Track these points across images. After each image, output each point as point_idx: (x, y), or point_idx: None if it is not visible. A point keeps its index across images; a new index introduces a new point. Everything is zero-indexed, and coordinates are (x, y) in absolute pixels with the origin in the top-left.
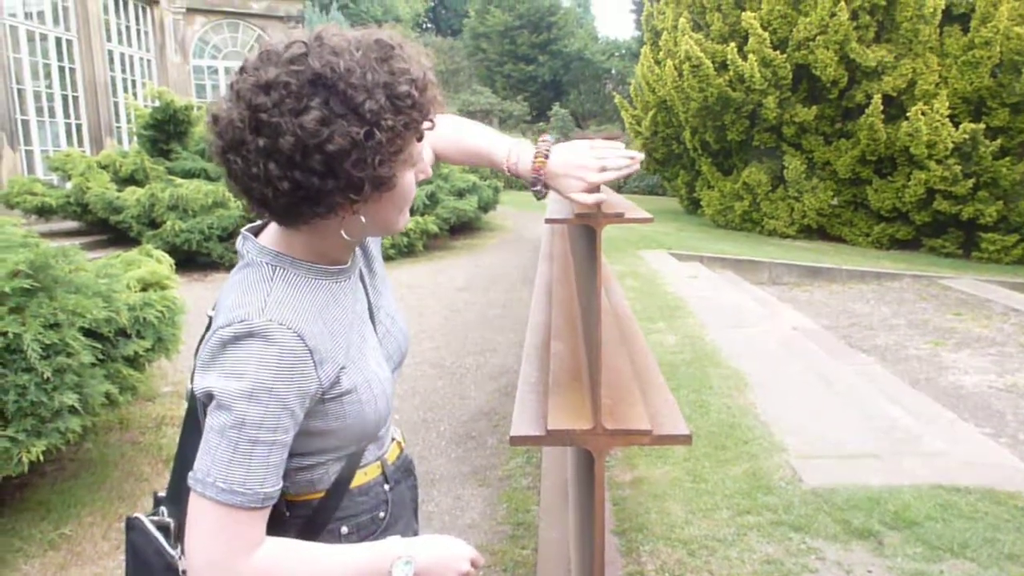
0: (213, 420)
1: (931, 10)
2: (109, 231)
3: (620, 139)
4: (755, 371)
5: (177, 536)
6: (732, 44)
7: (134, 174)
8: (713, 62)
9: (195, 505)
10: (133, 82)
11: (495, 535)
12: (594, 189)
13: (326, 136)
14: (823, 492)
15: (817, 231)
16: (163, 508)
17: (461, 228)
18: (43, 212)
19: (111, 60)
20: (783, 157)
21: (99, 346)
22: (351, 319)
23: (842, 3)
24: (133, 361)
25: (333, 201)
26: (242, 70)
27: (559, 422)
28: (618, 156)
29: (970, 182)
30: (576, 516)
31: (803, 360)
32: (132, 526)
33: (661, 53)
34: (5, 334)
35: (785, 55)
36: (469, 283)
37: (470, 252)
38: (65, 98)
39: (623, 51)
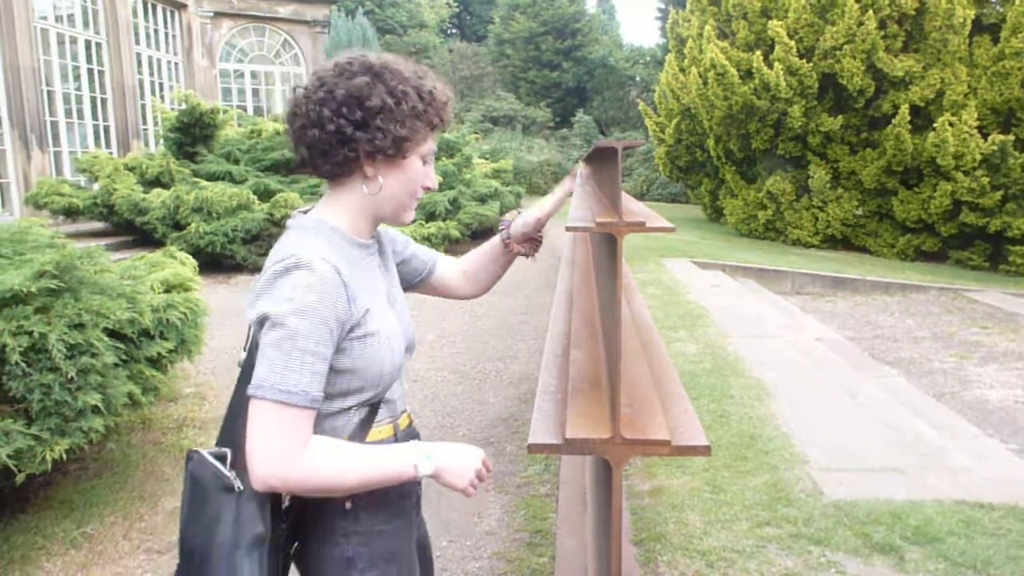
0: (268, 337)
1: (961, 20)
2: (135, 232)
3: (641, 146)
4: (777, 382)
5: (232, 464)
6: (758, 52)
7: (160, 176)
8: (738, 70)
9: (255, 410)
10: (160, 85)
11: (512, 542)
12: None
13: (367, 94)
14: (844, 505)
15: (841, 241)
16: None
17: (483, 234)
18: (71, 213)
19: (139, 63)
20: (808, 166)
21: (122, 347)
22: (374, 283)
23: (870, 12)
24: (156, 362)
25: (358, 150)
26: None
27: (578, 431)
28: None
29: (998, 194)
30: (594, 525)
31: (826, 371)
32: (191, 457)
33: (686, 61)
34: (31, 333)
35: (811, 64)
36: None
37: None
38: (94, 100)
39: (648, 58)
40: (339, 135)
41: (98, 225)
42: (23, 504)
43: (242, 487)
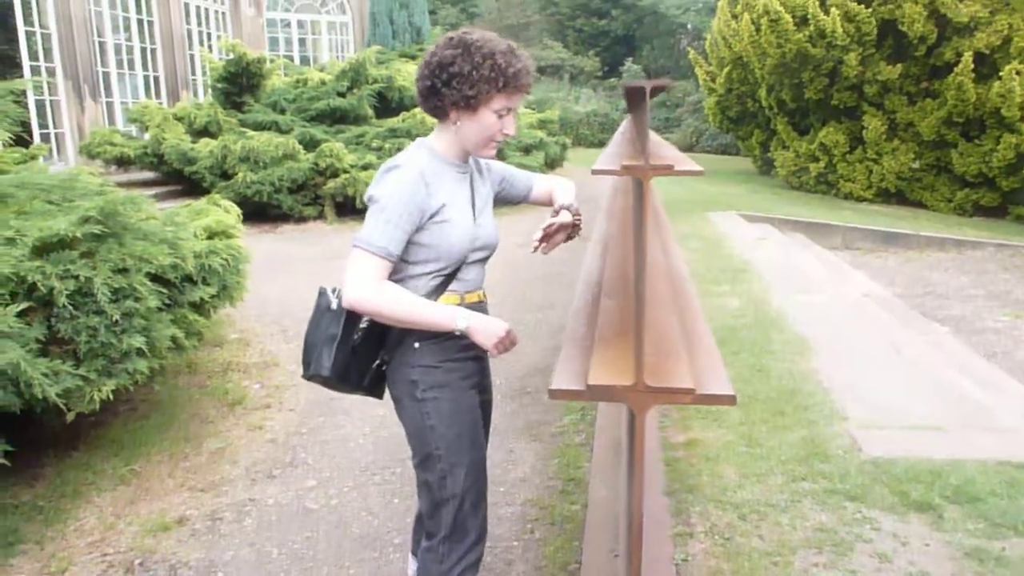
0: (370, 209)
1: None
2: (184, 181)
3: (671, 87)
4: (820, 337)
5: (338, 296)
6: None
7: (208, 126)
8: (793, 16)
9: (352, 255)
10: (208, 35)
11: (545, 490)
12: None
13: (452, 61)
14: (882, 463)
15: (896, 196)
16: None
17: None
18: (122, 162)
19: (187, 13)
20: (863, 117)
21: (165, 291)
22: (458, 191)
23: None
24: (199, 307)
25: (446, 102)
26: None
27: (600, 377)
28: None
29: None
30: (627, 477)
31: (872, 328)
32: (320, 291)
33: (739, 7)
34: (77, 277)
35: (870, 9)
36: (530, 239)
37: (533, 208)
38: (143, 51)
39: (699, 5)
40: (432, 88)
41: (149, 174)
42: (75, 442)
43: (335, 307)
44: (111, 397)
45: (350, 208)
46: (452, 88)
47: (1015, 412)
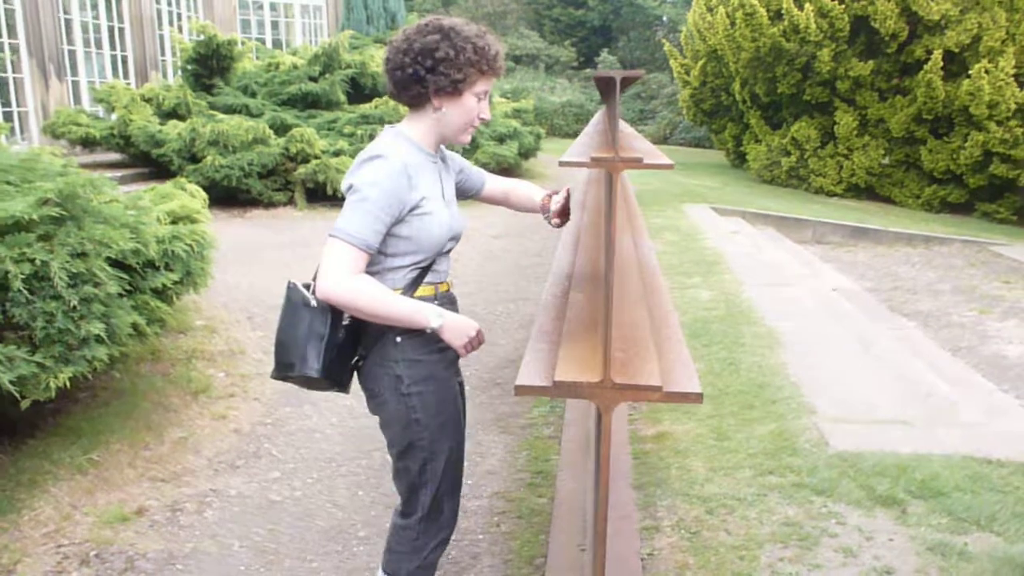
0: (349, 199)
1: None
2: (151, 164)
3: (640, 78)
4: (790, 331)
5: (312, 291)
6: None
7: (176, 108)
8: (767, 11)
9: (329, 245)
10: (179, 15)
11: (513, 482)
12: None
13: (436, 47)
14: (849, 457)
15: (865, 190)
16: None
17: (500, 174)
18: (87, 143)
19: None
20: (835, 112)
21: (126, 277)
22: (434, 181)
23: None
24: (161, 293)
25: (428, 88)
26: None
27: (567, 374)
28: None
29: None
30: (595, 470)
31: (841, 322)
32: (290, 286)
33: (714, 0)
34: (33, 261)
35: (843, 5)
36: (505, 230)
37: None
38: (111, 30)
39: None
40: (415, 76)
41: (115, 156)
42: (32, 430)
43: (315, 304)
44: (68, 385)
45: (321, 194)
46: (439, 74)
47: (980, 407)
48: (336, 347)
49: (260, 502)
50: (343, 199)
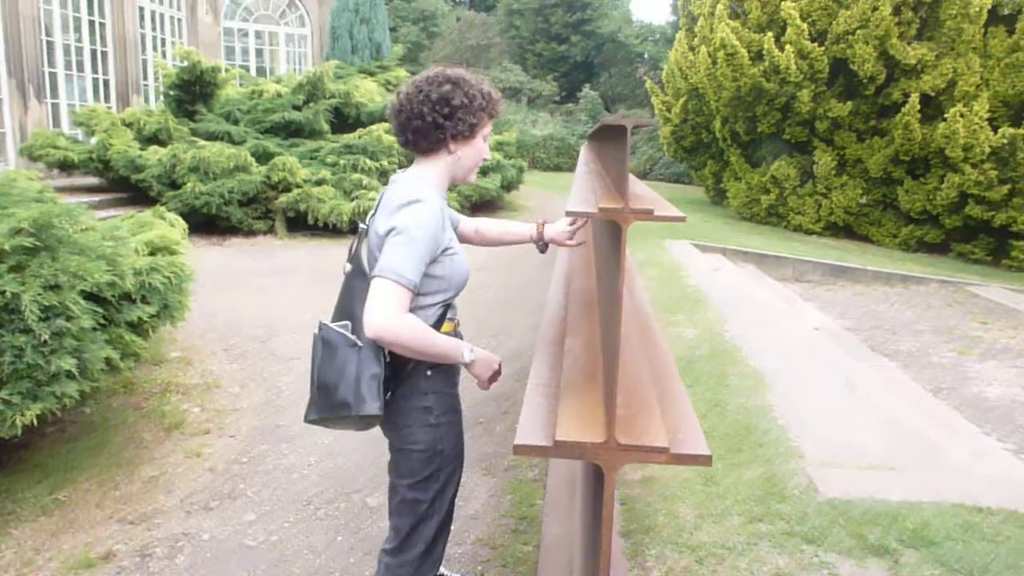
0: (394, 240)
1: (977, 9)
2: (130, 189)
3: (649, 125)
4: (775, 371)
5: (353, 331)
6: (769, 34)
7: (157, 133)
8: (749, 51)
9: (378, 286)
10: (163, 40)
11: (497, 528)
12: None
13: (452, 95)
14: (839, 504)
15: (843, 229)
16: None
17: (483, 206)
18: (65, 167)
19: (141, 17)
20: (814, 152)
21: (101, 310)
22: (450, 224)
23: None
24: (137, 327)
25: (446, 133)
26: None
27: (569, 432)
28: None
29: (1005, 188)
30: (582, 516)
31: (824, 362)
32: (321, 327)
33: (696, 39)
34: (3, 293)
35: (823, 48)
36: (488, 263)
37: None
38: (94, 53)
39: (657, 35)
40: (435, 124)
41: (93, 180)
42: None
43: (361, 344)
44: (35, 422)
45: (301, 223)
46: (456, 120)
47: (966, 450)
48: (385, 384)
49: (234, 547)
50: (325, 228)
